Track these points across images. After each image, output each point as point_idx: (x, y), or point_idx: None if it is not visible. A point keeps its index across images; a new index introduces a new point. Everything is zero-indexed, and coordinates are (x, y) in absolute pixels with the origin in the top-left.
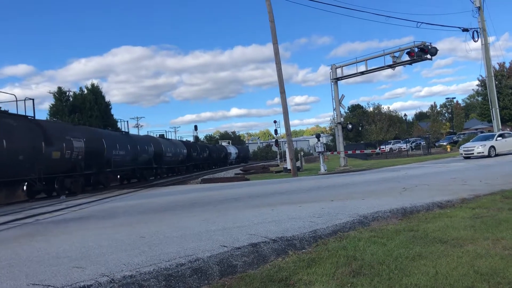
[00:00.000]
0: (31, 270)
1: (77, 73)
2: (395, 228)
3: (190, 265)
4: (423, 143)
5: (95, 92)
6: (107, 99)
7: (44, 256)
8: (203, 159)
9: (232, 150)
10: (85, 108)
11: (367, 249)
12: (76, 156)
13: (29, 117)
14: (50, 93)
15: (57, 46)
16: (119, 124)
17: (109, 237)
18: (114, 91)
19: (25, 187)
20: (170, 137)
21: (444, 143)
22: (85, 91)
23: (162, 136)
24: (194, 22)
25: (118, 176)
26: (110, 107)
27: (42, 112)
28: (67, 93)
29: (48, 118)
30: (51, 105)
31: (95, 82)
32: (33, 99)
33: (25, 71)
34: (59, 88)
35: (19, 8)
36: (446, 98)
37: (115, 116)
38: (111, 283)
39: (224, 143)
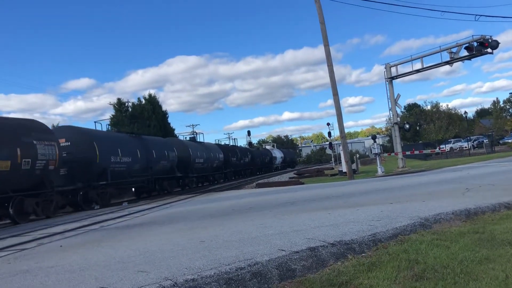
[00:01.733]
0: (99, 274)
1: (135, 84)
2: (459, 230)
3: (250, 269)
4: (486, 141)
5: (152, 102)
6: (163, 108)
7: (111, 260)
8: (244, 165)
9: (277, 154)
10: (144, 117)
11: (429, 252)
12: (44, 166)
13: None
14: (110, 104)
15: (116, 59)
16: (175, 132)
17: (170, 242)
18: (170, 100)
19: None
20: (224, 143)
21: (509, 141)
22: (143, 101)
23: (193, 139)
24: (245, 29)
25: (133, 189)
26: (167, 116)
27: (103, 123)
28: (126, 103)
29: (108, 128)
30: (111, 116)
31: (152, 92)
32: None
33: (87, 84)
34: (119, 99)
35: (79, 25)
36: (510, 93)
37: (172, 125)
38: (174, 287)
39: (268, 147)
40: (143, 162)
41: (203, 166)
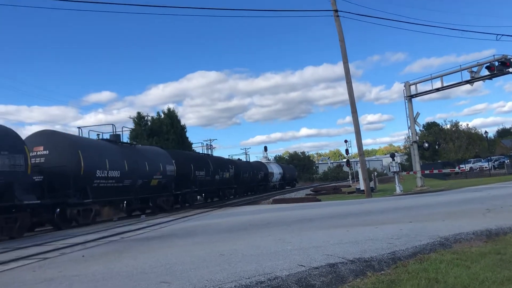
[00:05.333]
0: (122, 284)
1: (155, 98)
2: (480, 250)
3: (269, 283)
4: (507, 161)
5: (171, 116)
6: (182, 122)
7: (133, 271)
8: (220, 183)
9: (275, 169)
10: (162, 132)
11: (449, 272)
12: None
13: None
14: (130, 118)
15: (137, 73)
16: (193, 147)
17: (190, 254)
18: (189, 114)
19: None
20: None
21: None
22: (162, 116)
23: (114, 139)
24: (265, 45)
25: None
26: (186, 130)
27: (123, 136)
28: (146, 117)
29: (128, 141)
30: (131, 130)
31: (171, 106)
32: None
33: (108, 98)
34: (138, 113)
35: (102, 39)
36: None
37: (190, 139)
38: None
39: (264, 160)
40: None
41: (123, 184)
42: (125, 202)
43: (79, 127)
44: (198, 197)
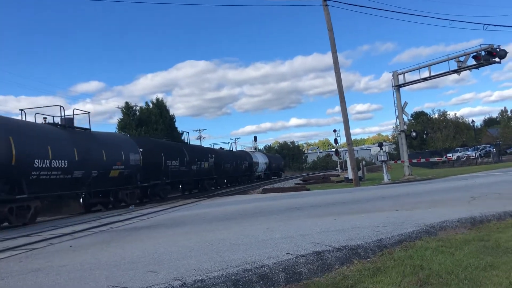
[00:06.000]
0: (110, 273)
1: (144, 88)
2: (464, 237)
3: (257, 271)
4: (493, 150)
5: (160, 106)
6: (171, 112)
7: (120, 261)
8: (199, 173)
9: (260, 159)
10: (151, 121)
11: (434, 259)
12: None
13: None
14: (118, 108)
15: (126, 62)
16: (182, 137)
17: (178, 244)
18: (178, 104)
19: None
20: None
21: None
22: (151, 105)
23: (64, 123)
24: (254, 35)
25: None
26: (174, 120)
27: (112, 126)
28: (134, 107)
29: (117, 131)
30: (119, 120)
31: (160, 96)
32: None
33: (96, 87)
34: (127, 103)
35: (90, 28)
36: None
37: (179, 129)
38: (183, 287)
39: (248, 150)
40: None
41: (72, 176)
42: (82, 196)
43: (21, 109)
44: (179, 188)
